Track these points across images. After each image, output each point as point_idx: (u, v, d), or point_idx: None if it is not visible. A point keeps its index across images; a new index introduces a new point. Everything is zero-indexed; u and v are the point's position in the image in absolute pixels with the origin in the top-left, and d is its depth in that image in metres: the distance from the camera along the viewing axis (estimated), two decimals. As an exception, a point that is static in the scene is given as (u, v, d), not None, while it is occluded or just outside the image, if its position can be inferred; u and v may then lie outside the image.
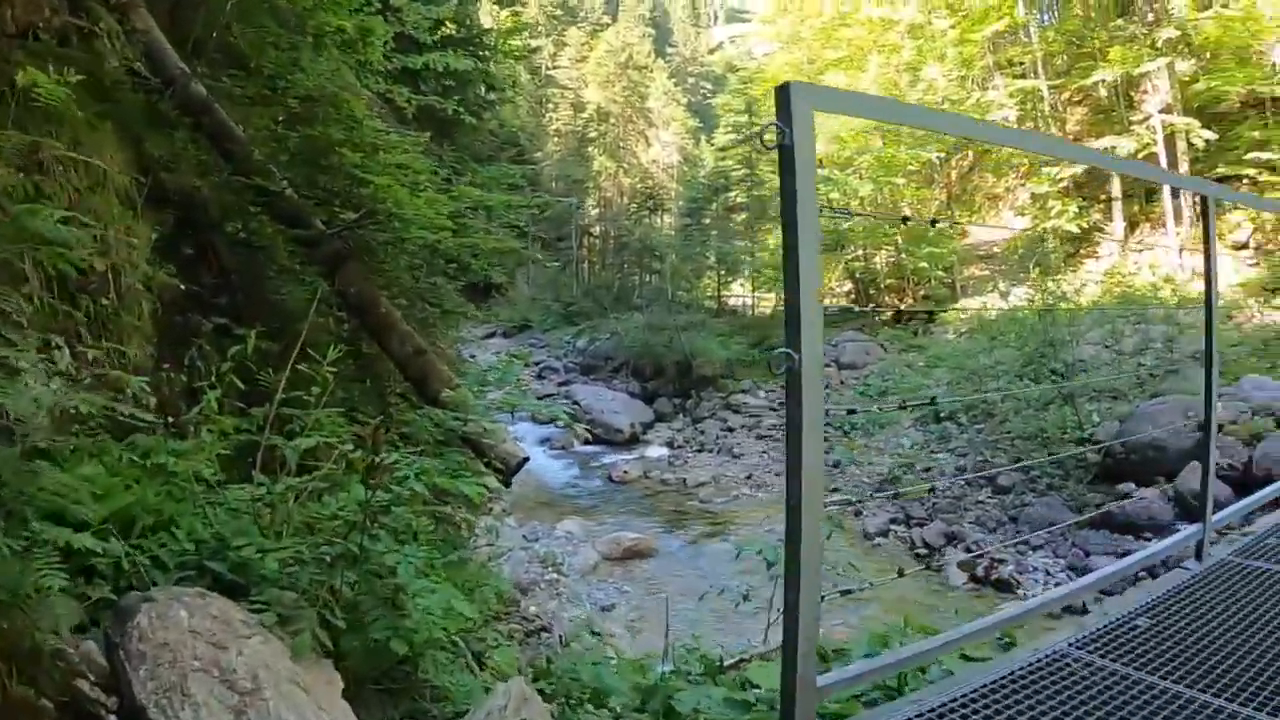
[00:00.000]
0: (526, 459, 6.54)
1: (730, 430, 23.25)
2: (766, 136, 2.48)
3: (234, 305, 6.13)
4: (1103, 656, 3.39)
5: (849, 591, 3.12)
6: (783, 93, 2.49)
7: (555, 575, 12.55)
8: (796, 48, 43.80)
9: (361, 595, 3.23)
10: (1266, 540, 4.88)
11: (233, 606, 2.89)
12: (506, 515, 13.44)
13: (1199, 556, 4.51)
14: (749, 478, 19.47)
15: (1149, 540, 13.74)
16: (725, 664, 5.61)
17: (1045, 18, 38.80)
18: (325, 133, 6.80)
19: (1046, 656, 3.41)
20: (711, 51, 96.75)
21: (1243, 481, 13.69)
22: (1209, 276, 4.26)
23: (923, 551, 14.78)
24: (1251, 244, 28.61)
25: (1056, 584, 12.89)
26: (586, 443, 22.05)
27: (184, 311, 5.71)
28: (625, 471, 19.86)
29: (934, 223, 24.26)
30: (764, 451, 21.26)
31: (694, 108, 65.44)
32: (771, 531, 15.40)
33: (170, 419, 4.34)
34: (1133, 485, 14.84)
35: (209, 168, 6.54)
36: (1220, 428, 15.12)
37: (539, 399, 25.43)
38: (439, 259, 8.73)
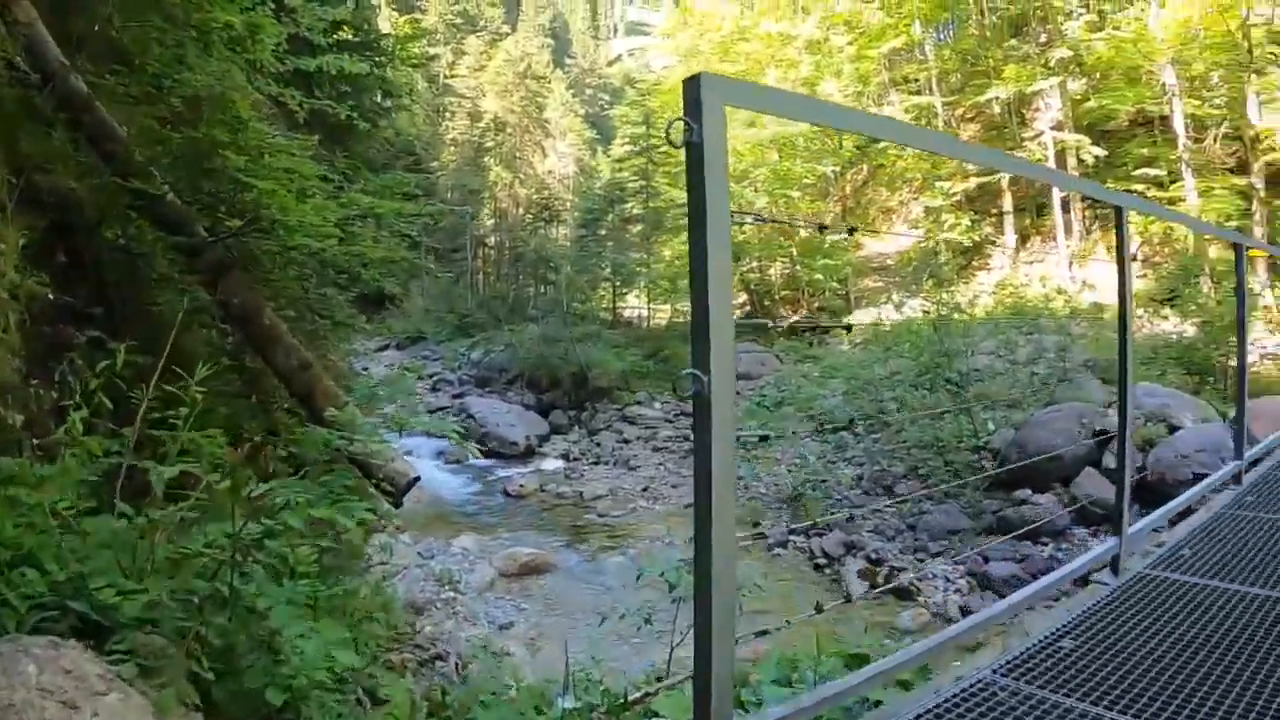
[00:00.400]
0: (416, 478, 6.30)
1: (626, 442, 23.04)
2: (673, 132, 2.24)
3: (110, 316, 5.78)
4: (1029, 683, 3.30)
5: (765, 632, 2.93)
6: (692, 85, 2.26)
7: (452, 593, 12.24)
8: (695, 61, 43.95)
9: (234, 639, 2.94)
10: (1180, 552, 4.91)
11: (88, 658, 2.57)
12: (401, 532, 13.12)
13: (1115, 571, 4.49)
14: (645, 490, 19.27)
15: (1046, 544, 13.93)
16: (630, 698, 5.39)
17: (941, 36, 39.56)
18: (210, 134, 6.46)
19: (972, 686, 3.31)
20: (610, 63, 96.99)
21: (1138, 486, 14.07)
22: (1123, 287, 4.13)
23: (822, 561, 14.72)
24: (1139, 256, 29.32)
25: (956, 590, 13.03)
26: (486, 455, 21.73)
27: (55, 323, 5.37)
28: (521, 485, 19.53)
29: (852, 230, 24.66)
30: (660, 463, 21.06)
31: (591, 119, 65.45)
32: (671, 545, 15.23)
33: (37, 439, 4.04)
34: (1029, 491, 15.00)
35: (87, 169, 6.18)
36: (1112, 434, 15.43)
37: (433, 412, 25.00)
38: (329, 269, 8.40)
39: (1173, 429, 15.24)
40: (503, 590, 13.38)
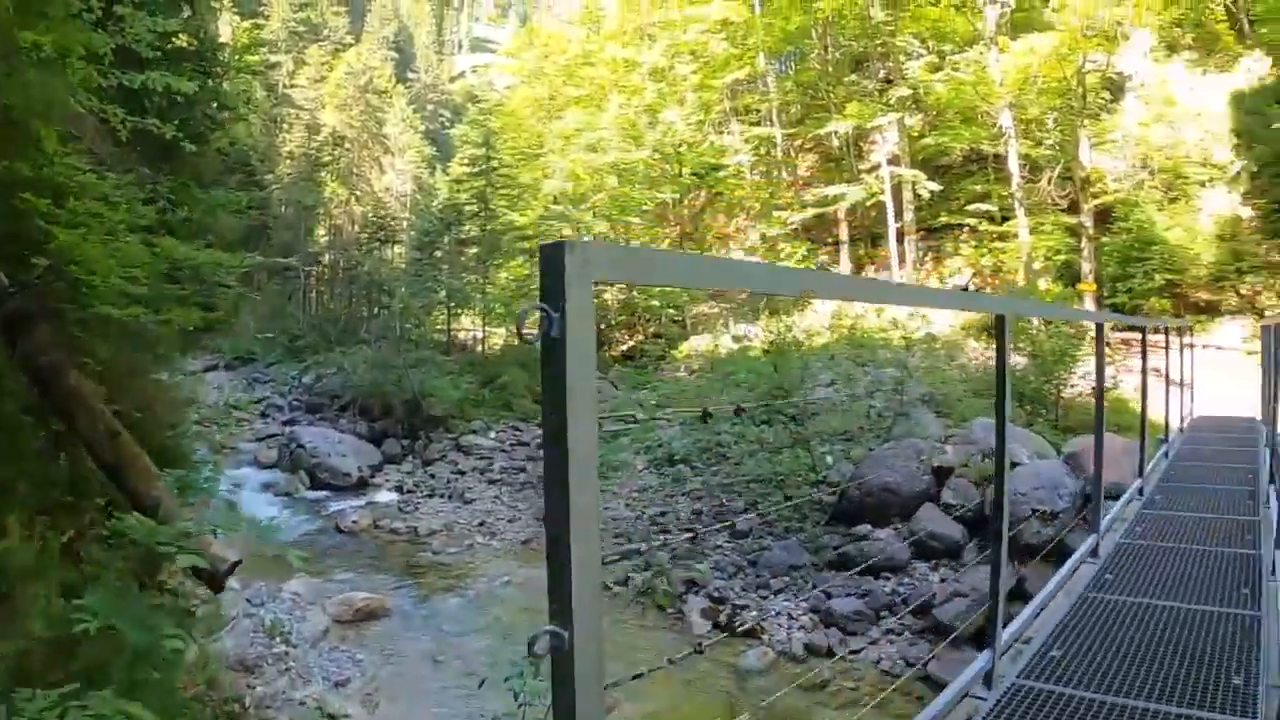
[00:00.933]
0: (238, 561, 5.87)
1: (461, 473, 22.47)
2: (527, 323, 1.76)
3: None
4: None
5: (639, 675, 2.62)
6: (554, 258, 1.60)
7: (284, 647, 11.60)
8: (539, 82, 43.74)
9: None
10: (1050, 654, 4.86)
11: None
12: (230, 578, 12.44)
13: (989, 684, 4.40)
14: (482, 525, 18.74)
15: (888, 579, 14.01)
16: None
17: (784, 68, 40.13)
18: (11, 168, 5.89)
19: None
20: (453, 80, 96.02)
21: (976, 521, 14.26)
22: (1001, 391, 3.96)
23: (662, 600, 14.54)
24: (970, 287, 30.16)
25: (800, 627, 12.92)
26: (317, 487, 21.03)
27: None
28: (354, 521, 18.79)
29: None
30: (496, 496, 20.53)
31: (432, 136, 64.64)
32: (508, 584, 14.86)
33: None
34: (869, 526, 15.04)
35: None
36: (952, 471, 15.49)
37: (261, 439, 24.26)
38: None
39: (1011, 464, 15.44)
40: (337, 639, 12.67)
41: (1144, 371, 9.85)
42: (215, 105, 20.60)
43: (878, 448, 17.33)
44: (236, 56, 21.05)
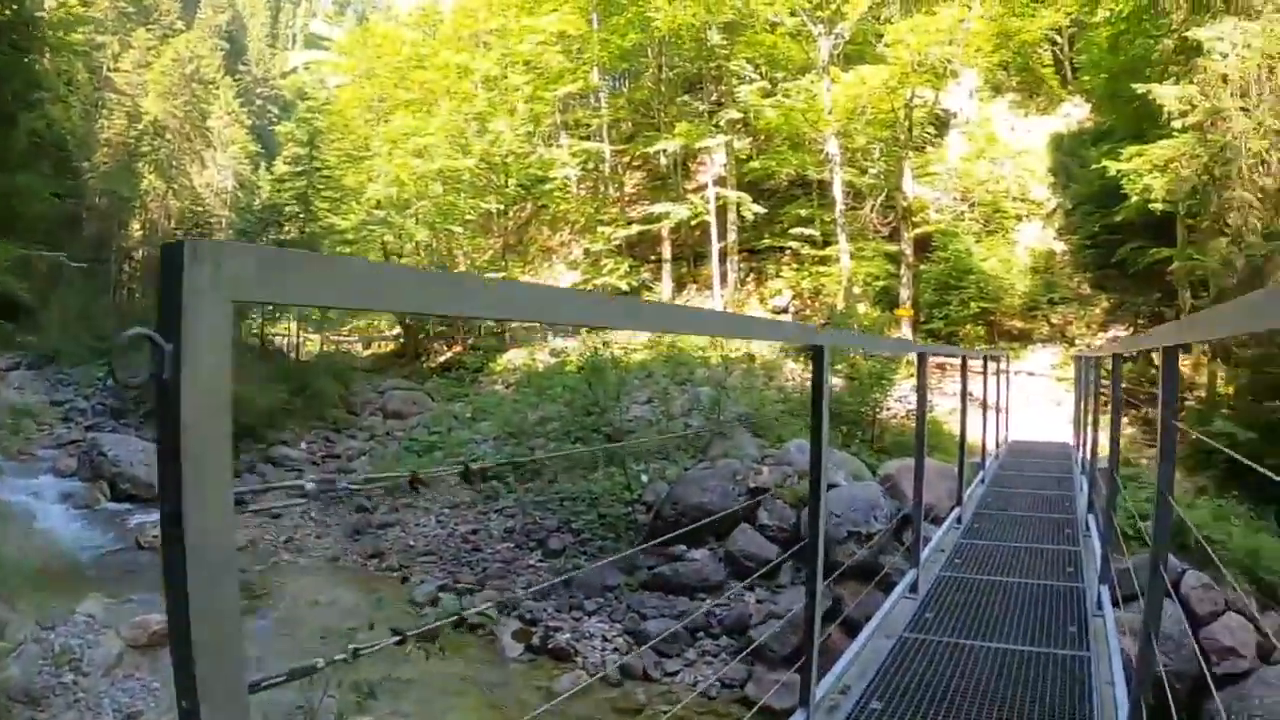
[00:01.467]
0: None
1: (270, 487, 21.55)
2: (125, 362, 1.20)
3: None
4: None
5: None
6: (172, 267, 1.08)
7: (73, 676, 10.69)
8: (370, 83, 42.80)
9: None
10: (869, 706, 4.63)
11: None
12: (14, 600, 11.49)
13: None
14: (289, 541, 17.86)
15: (704, 599, 13.88)
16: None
17: (617, 85, 40.12)
18: None
19: None
20: (285, 75, 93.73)
21: (791, 540, 14.07)
22: (817, 419, 3.63)
23: (475, 622, 14.03)
24: (791, 309, 30.53)
25: (615, 649, 12.78)
26: (120, 499, 19.79)
27: None
28: (155, 535, 17.57)
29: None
30: (304, 511, 19.62)
31: (258, 132, 62.83)
32: (315, 605, 14.10)
33: None
34: (684, 547, 14.74)
35: None
36: (768, 491, 15.38)
37: (61, 446, 22.80)
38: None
39: (827, 485, 15.36)
40: (132, 666, 11.69)
41: (963, 398, 9.80)
42: (29, 83, 19.38)
43: (693, 467, 17.22)
44: (58, 33, 19.83)
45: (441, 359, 32.58)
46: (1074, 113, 34.02)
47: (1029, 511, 10.39)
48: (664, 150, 33.36)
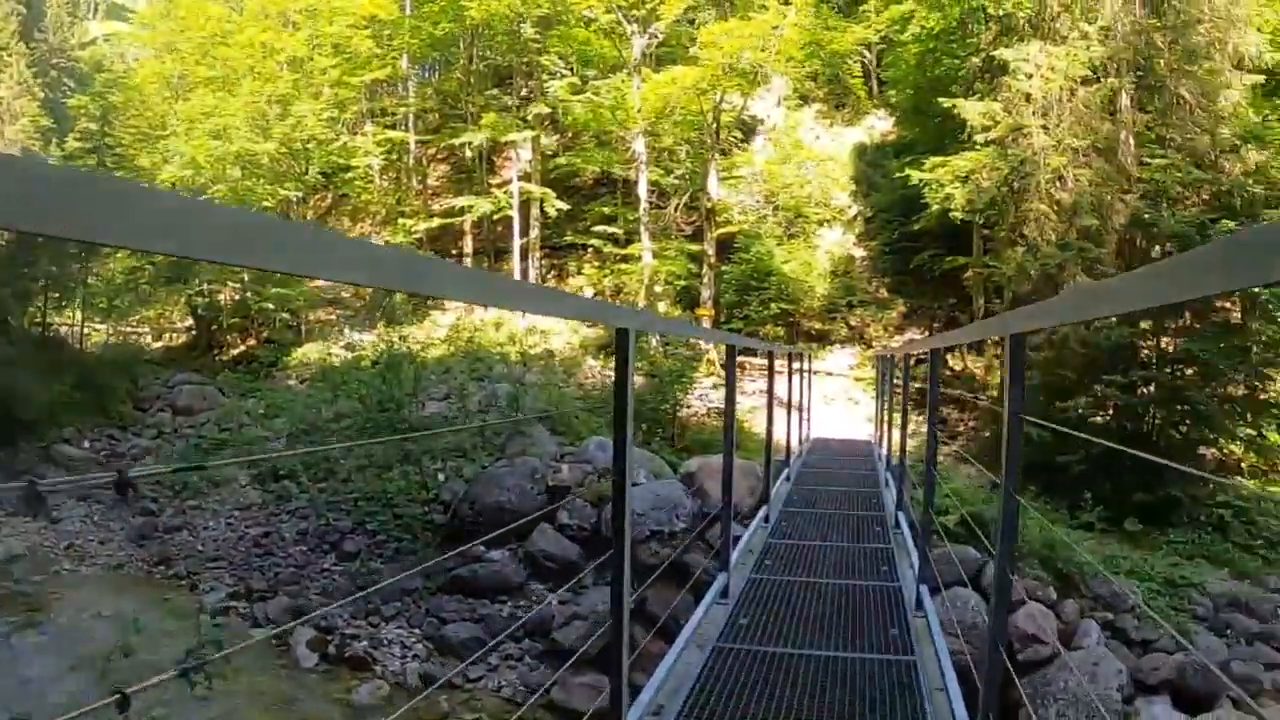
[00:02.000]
0: None
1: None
2: None
3: None
4: None
5: None
6: None
7: None
8: (171, 58, 41.09)
9: None
10: None
11: None
12: None
13: None
14: (70, 547, 16.67)
15: (504, 602, 13.77)
16: None
17: (426, 74, 39.48)
18: None
19: None
20: (84, 46, 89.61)
21: (591, 539, 14.27)
22: (621, 406, 3.33)
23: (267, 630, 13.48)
24: (597, 307, 30.50)
25: (414, 656, 12.48)
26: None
27: None
28: None
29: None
30: (87, 515, 18.28)
31: (51, 105, 59.88)
32: (99, 617, 13.32)
33: None
34: (483, 548, 14.41)
35: None
36: (568, 490, 15.26)
37: None
38: None
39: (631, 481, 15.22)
40: None
41: (770, 393, 9.71)
42: None
43: (491, 465, 16.94)
44: None
45: (235, 352, 31.39)
46: (878, 125, 35.07)
47: (837, 509, 10.36)
48: (469, 143, 32.79)
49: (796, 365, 14.69)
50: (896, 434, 10.40)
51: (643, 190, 30.50)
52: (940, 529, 8.60)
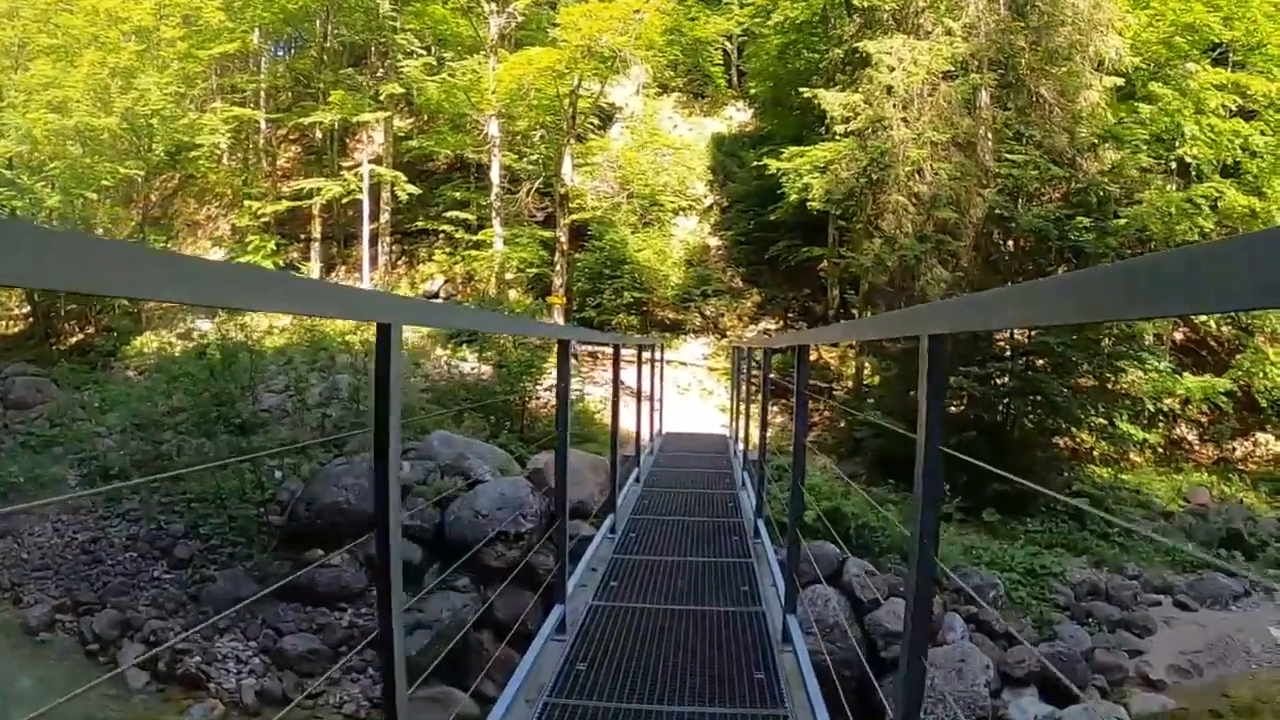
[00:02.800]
0: None
1: None
2: None
3: None
4: None
5: None
6: None
7: None
8: (11, 25, 39.19)
9: None
10: None
11: None
12: None
13: None
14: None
15: (345, 610, 13.27)
16: None
17: (280, 51, 38.39)
18: None
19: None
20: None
21: (434, 542, 13.74)
22: (383, 403, 2.94)
23: (94, 647, 12.83)
24: (442, 294, 30.14)
25: (251, 671, 11.93)
26: None
27: None
28: None
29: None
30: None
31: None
32: None
33: None
34: (320, 551, 13.61)
35: None
36: (410, 489, 14.69)
37: None
38: None
39: (472, 482, 14.85)
40: None
41: (615, 388, 9.29)
42: None
43: (329, 462, 16.13)
44: None
45: (73, 340, 30.06)
46: (737, 116, 35.14)
47: (691, 515, 9.67)
48: (320, 123, 31.92)
49: (648, 355, 14.42)
50: (755, 429, 9.92)
51: (495, 175, 30.14)
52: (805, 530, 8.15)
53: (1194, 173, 24.13)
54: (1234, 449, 23.38)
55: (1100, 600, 14.83)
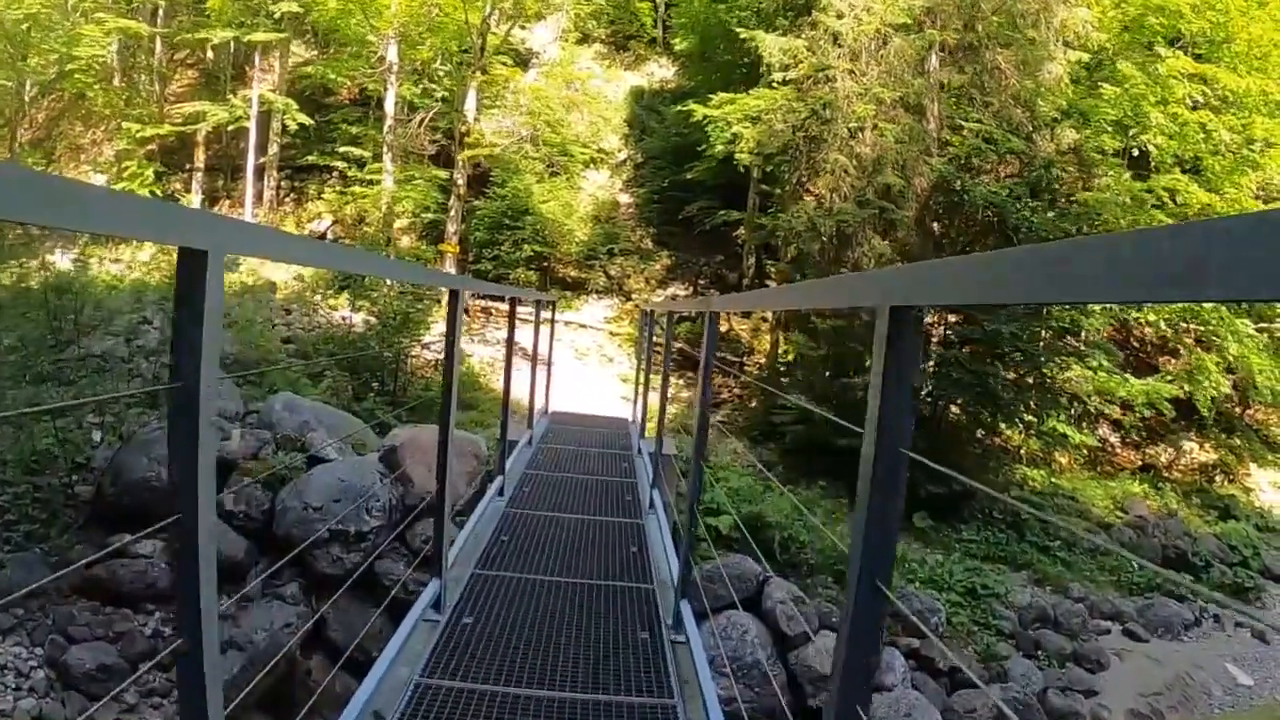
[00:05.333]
0: None
1: None
2: None
3: None
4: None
5: None
6: None
7: None
8: None
9: None
10: None
11: None
12: None
13: None
14: None
15: (153, 613, 10.50)
16: None
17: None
18: None
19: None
20: None
21: (263, 533, 11.17)
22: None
23: None
24: (330, 235, 28.04)
25: (30, 689, 9.28)
26: None
27: None
28: None
29: None
30: None
31: None
32: None
33: None
34: (128, 536, 10.15)
35: None
36: (235, 466, 11.90)
37: None
38: None
39: (311, 459, 12.08)
40: None
41: (509, 347, 8.23)
42: None
43: (144, 429, 12.86)
44: None
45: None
46: (659, 73, 33.76)
47: (585, 512, 8.27)
48: (209, 41, 29.30)
49: (546, 315, 13.24)
50: (655, 399, 9.07)
51: (390, 105, 27.82)
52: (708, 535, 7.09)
53: (1152, 164, 23.12)
54: (1158, 455, 22.36)
55: (1048, 628, 13.76)
